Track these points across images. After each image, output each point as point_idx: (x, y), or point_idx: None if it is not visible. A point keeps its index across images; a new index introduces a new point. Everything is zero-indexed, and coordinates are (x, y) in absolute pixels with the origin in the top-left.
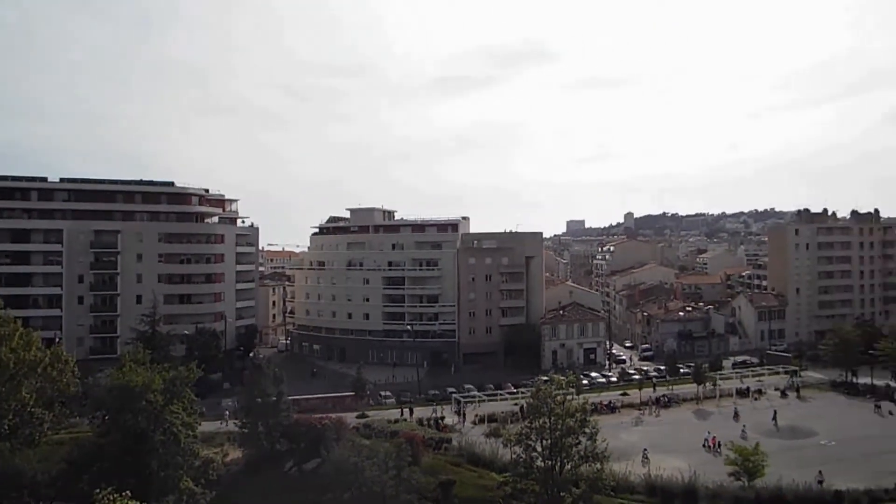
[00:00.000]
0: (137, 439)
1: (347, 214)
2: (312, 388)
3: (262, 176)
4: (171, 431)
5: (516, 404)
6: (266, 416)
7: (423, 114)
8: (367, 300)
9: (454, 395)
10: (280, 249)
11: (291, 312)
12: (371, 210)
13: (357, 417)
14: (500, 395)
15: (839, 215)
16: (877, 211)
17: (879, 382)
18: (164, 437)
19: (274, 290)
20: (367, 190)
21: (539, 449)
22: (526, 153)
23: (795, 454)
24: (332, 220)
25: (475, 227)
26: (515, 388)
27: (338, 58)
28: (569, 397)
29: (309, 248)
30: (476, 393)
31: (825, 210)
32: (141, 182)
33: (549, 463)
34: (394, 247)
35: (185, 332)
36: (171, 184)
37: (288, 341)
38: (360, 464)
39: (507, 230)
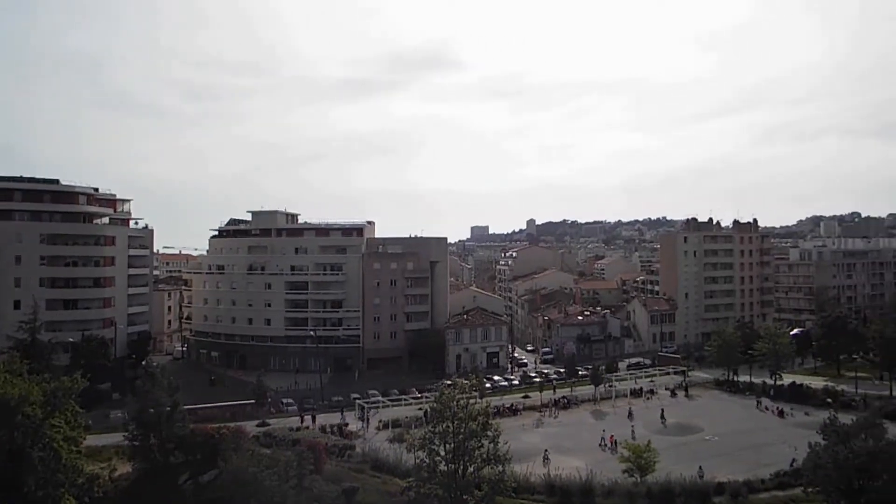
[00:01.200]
0: (12, 457)
1: (249, 217)
2: (210, 397)
3: (159, 176)
4: (52, 447)
5: (420, 409)
6: (159, 427)
7: (326, 116)
8: (269, 305)
9: (358, 400)
10: (177, 252)
11: (188, 318)
12: (274, 213)
13: (257, 426)
14: (405, 400)
15: (723, 224)
16: (755, 220)
17: (757, 380)
18: (43, 453)
19: (170, 294)
20: (271, 192)
21: (442, 453)
22: (431, 159)
23: (683, 449)
24: (233, 222)
25: (380, 232)
26: (420, 392)
27: (240, 56)
28: (472, 401)
29: (208, 251)
30: (380, 398)
31: (710, 219)
32: (21, 179)
33: (453, 466)
34: (297, 251)
35: (71, 339)
36: (56, 181)
37: (185, 348)
38: (260, 474)
39: (413, 235)
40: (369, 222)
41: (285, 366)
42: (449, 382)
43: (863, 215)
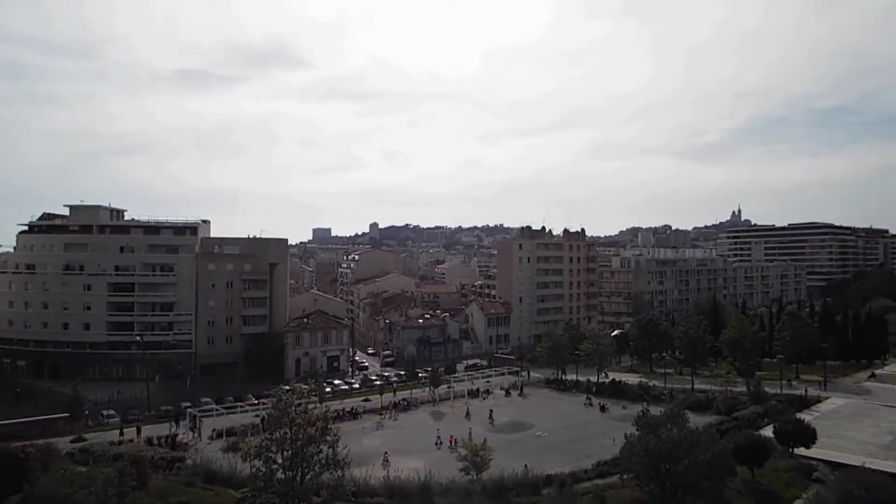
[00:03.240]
0: None
1: (66, 212)
2: (16, 412)
3: None
4: None
5: (257, 416)
6: None
7: (158, 107)
8: (89, 308)
9: (189, 409)
10: None
11: None
12: (95, 208)
13: (72, 442)
14: (241, 407)
15: (554, 233)
16: (583, 230)
17: (583, 378)
18: None
19: None
20: (94, 186)
21: (280, 460)
22: (272, 158)
23: (516, 445)
24: (47, 217)
25: (216, 232)
26: (257, 399)
27: (58, 35)
28: (311, 406)
29: (15, 248)
30: (214, 406)
31: (543, 228)
32: None
33: (290, 474)
34: (122, 250)
35: None
36: None
37: None
38: (73, 495)
39: (251, 236)
40: (204, 221)
41: (107, 374)
42: (287, 387)
43: (673, 228)
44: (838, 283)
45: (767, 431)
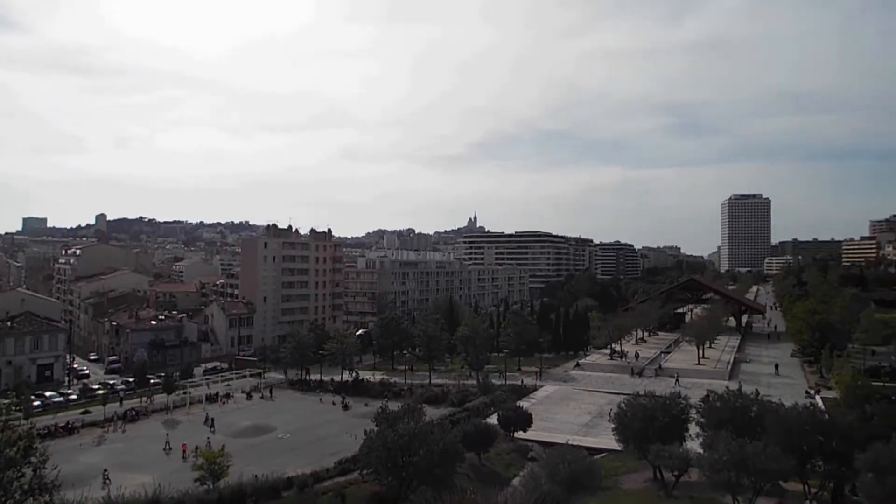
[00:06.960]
0: None
1: None
2: None
3: None
4: None
5: None
6: None
7: None
8: None
9: None
10: None
11: None
12: None
13: None
14: None
15: (301, 232)
16: (329, 230)
17: (327, 378)
18: None
19: None
20: None
21: None
22: None
23: (258, 449)
24: None
25: None
26: None
27: None
28: (13, 423)
29: None
30: None
31: (290, 227)
32: None
33: None
34: None
35: None
36: None
37: None
38: None
39: None
40: None
41: None
42: None
43: (416, 231)
44: (553, 285)
45: (493, 419)
